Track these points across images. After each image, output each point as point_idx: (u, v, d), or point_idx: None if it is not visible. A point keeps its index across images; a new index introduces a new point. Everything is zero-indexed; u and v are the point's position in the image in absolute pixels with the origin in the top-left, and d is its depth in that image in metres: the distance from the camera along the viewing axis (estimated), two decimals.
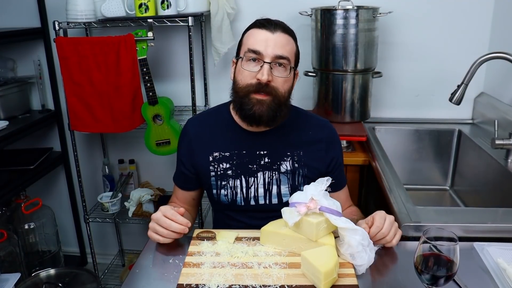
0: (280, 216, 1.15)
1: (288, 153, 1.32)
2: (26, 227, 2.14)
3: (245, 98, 1.22)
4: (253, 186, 1.31)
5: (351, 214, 1.36)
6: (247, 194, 1.32)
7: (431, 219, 1.24)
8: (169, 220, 1.14)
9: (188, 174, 1.38)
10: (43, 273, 1.20)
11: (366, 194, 1.94)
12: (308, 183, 1.28)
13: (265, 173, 1.31)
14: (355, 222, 1.13)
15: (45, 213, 2.22)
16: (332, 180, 1.13)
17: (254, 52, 1.20)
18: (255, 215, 1.35)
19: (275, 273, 1.03)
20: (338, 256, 1.05)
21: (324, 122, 1.40)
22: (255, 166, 1.31)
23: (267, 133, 1.31)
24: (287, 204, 1.27)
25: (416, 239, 1.13)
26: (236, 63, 1.28)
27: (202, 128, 1.37)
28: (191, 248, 1.15)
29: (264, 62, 1.19)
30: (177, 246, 1.20)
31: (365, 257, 1.03)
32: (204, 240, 1.18)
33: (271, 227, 1.15)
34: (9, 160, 2.24)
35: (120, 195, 2.21)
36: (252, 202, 1.33)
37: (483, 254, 1.11)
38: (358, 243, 1.03)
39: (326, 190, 1.11)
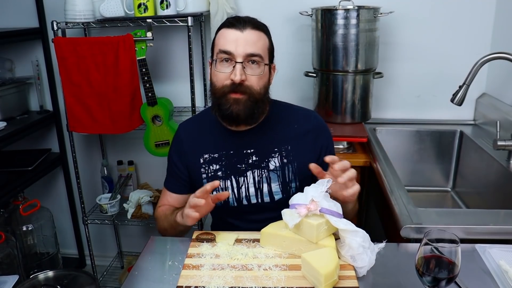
0: (274, 217, 1.15)
1: (276, 149, 1.31)
2: (24, 229, 2.13)
3: (222, 98, 1.22)
4: (243, 186, 1.31)
5: None
6: (238, 194, 1.32)
7: (433, 220, 1.23)
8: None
9: (182, 177, 1.38)
10: (41, 275, 1.19)
11: (367, 195, 1.93)
12: (299, 179, 1.30)
13: (254, 171, 1.31)
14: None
15: (44, 215, 2.21)
16: (329, 182, 1.10)
17: (225, 52, 1.19)
18: (250, 218, 1.34)
19: (275, 275, 1.03)
20: (339, 258, 1.04)
21: (309, 112, 1.39)
22: (243, 166, 1.31)
23: (252, 131, 1.31)
24: (279, 202, 1.29)
25: (418, 241, 1.12)
26: (211, 65, 1.27)
27: (192, 131, 1.38)
28: (191, 250, 1.14)
29: (236, 62, 1.18)
30: (176, 247, 1.19)
31: (366, 259, 1.03)
32: (203, 242, 1.17)
33: (271, 228, 1.15)
34: (7, 161, 2.23)
35: (119, 196, 2.19)
36: (245, 202, 1.32)
37: (485, 256, 1.10)
38: (359, 245, 1.03)
39: (326, 191, 1.10)
